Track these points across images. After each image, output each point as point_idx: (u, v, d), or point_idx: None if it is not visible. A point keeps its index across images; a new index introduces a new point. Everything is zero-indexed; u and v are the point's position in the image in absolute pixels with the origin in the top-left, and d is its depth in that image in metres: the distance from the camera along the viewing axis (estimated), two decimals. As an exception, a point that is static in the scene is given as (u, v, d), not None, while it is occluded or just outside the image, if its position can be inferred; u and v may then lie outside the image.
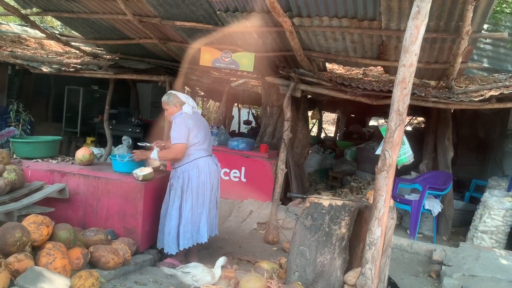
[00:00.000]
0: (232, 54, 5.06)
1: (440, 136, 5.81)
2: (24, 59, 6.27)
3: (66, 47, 7.19)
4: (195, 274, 3.01)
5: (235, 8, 4.18)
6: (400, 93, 2.50)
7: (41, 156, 4.33)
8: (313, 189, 7.23)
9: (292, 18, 4.04)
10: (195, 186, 3.71)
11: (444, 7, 3.44)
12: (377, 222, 2.60)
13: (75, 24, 5.71)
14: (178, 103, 3.82)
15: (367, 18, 3.90)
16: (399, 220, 5.58)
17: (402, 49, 2.49)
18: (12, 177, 3.68)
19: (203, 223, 3.75)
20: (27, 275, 2.53)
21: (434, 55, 4.45)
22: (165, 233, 3.73)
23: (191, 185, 3.71)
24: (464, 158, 7.08)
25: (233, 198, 5.60)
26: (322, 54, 4.92)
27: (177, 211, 3.71)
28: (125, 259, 3.44)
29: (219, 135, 6.24)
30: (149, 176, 3.73)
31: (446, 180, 5.26)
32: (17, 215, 3.39)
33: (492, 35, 4.79)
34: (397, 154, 2.58)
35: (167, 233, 3.71)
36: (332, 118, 17.84)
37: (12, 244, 2.71)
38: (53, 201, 3.80)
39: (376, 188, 2.61)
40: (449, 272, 3.91)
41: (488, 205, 4.85)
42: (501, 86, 4.85)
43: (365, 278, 2.64)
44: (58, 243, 3.00)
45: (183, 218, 3.71)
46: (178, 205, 3.72)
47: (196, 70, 6.59)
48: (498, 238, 4.77)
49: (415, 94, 4.59)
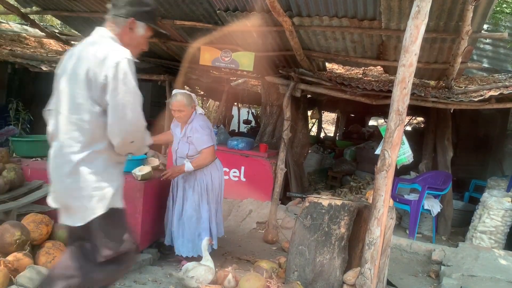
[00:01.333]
0: (232, 54, 5.06)
1: (439, 136, 5.81)
2: (24, 58, 6.26)
3: (65, 45, 7.18)
4: (198, 276, 3.03)
5: (235, 7, 4.18)
6: (399, 93, 2.50)
7: (41, 155, 4.32)
8: (313, 189, 7.23)
9: (292, 17, 4.04)
10: (217, 186, 3.75)
11: (444, 7, 3.43)
12: (377, 222, 2.60)
13: (75, 23, 5.70)
14: (194, 105, 3.63)
15: (367, 17, 3.90)
16: (399, 220, 5.58)
17: (402, 49, 2.49)
18: (12, 176, 3.68)
19: (220, 220, 3.89)
20: (26, 274, 2.53)
21: (434, 55, 4.45)
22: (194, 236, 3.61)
23: (214, 185, 3.71)
24: (464, 158, 7.08)
25: (232, 198, 5.60)
26: (322, 54, 4.92)
27: (207, 213, 3.66)
28: (125, 258, 3.43)
29: (219, 134, 6.24)
30: (148, 175, 3.72)
31: (446, 180, 5.26)
32: (16, 214, 3.40)
33: (492, 35, 4.79)
34: (396, 154, 2.58)
35: (197, 236, 3.61)
36: (331, 118, 17.84)
37: (11, 243, 2.72)
38: (53, 200, 3.80)
39: (376, 188, 2.61)
40: (448, 272, 3.91)
41: (487, 205, 4.85)
42: (500, 86, 4.85)
43: (364, 277, 2.64)
44: (57, 242, 3.00)
45: (213, 219, 3.71)
46: (207, 207, 3.66)
47: (196, 70, 6.59)
48: (497, 238, 4.77)
49: (414, 94, 4.59)
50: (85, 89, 1.82)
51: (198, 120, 3.61)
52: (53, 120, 1.97)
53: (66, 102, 1.86)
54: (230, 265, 3.31)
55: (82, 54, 1.88)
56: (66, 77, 1.89)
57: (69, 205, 1.92)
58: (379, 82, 5.19)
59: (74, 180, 1.86)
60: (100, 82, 1.80)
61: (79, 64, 1.85)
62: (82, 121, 1.83)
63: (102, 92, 1.81)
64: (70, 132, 1.85)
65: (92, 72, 1.80)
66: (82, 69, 1.82)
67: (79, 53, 1.90)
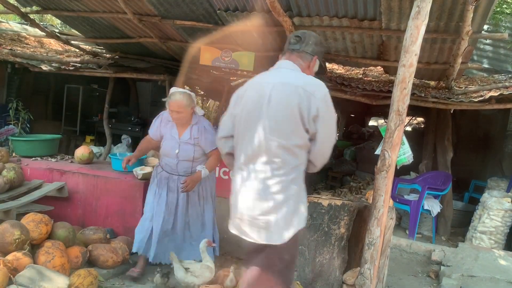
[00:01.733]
0: (232, 53, 5.06)
1: (439, 136, 5.81)
2: (24, 57, 6.26)
3: (65, 45, 7.18)
4: (194, 270, 3.02)
5: (235, 7, 4.18)
6: (400, 93, 2.50)
7: (41, 154, 4.33)
8: (312, 189, 7.22)
9: (292, 17, 4.04)
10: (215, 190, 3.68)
11: (444, 7, 3.43)
12: (376, 222, 2.60)
13: (75, 23, 5.70)
14: (193, 105, 3.36)
15: (368, 18, 3.90)
16: (398, 220, 5.58)
17: (402, 49, 2.49)
18: (11, 175, 3.68)
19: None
20: (25, 273, 2.53)
21: (434, 56, 4.45)
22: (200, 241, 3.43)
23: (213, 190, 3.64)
24: (464, 159, 7.08)
25: (232, 198, 5.60)
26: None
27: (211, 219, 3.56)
28: (124, 258, 3.44)
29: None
30: (149, 175, 3.72)
31: (446, 181, 5.26)
32: (16, 213, 3.40)
33: (492, 36, 4.79)
34: (396, 154, 2.58)
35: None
36: (331, 118, 17.80)
37: (11, 242, 2.72)
38: (52, 200, 3.81)
39: (376, 188, 2.61)
40: (448, 272, 3.91)
41: (487, 205, 4.85)
42: (500, 87, 4.85)
43: (364, 278, 2.64)
44: (57, 242, 3.00)
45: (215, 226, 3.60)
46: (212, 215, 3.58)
47: (196, 69, 6.59)
48: (497, 238, 4.77)
49: (415, 94, 4.59)
50: (298, 119, 2.01)
51: (203, 122, 3.41)
52: (243, 145, 2.11)
53: (277, 129, 2.02)
54: (230, 265, 3.31)
55: (286, 87, 2.05)
56: (273, 107, 2.04)
57: (273, 223, 2.01)
58: (379, 82, 5.20)
59: (285, 197, 2.02)
60: (312, 113, 2.02)
61: (286, 96, 2.03)
62: (294, 146, 2.03)
63: (313, 121, 2.03)
64: (282, 156, 2.02)
65: (304, 104, 2.00)
66: (293, 101, 2.01)
67: (282, 86, 2.06)
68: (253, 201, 2.04)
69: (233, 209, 2.14)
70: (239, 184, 2.13)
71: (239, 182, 2.13)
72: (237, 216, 2.11)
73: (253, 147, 2.06)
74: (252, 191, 2.05)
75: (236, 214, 2.12)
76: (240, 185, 2.11)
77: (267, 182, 2.03)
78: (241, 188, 2.10)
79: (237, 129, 2.15)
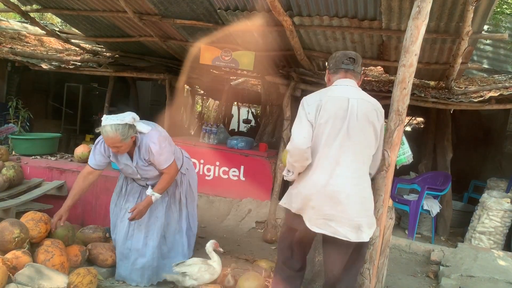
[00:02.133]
0: (232, 53, 5.06)
1: (439, 136, 5.81)
2: (24, 56, 6.26)
3: (66, 44, 7.18)
4: (192, 273, 2.99)
5: (236, 6, 4.18)
6: (399, 93, 2.50)
7: (40, 153, 4.33)
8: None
9: (293, 17, 4.04)
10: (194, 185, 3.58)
11: (444, 7, 3.43)
12: (376, 222, 2.59)
13: (75, 21, 5.70)
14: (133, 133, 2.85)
15: (368, 18, 3.90)
16: (398, 220, 5.59)
17: (402, 49, 2.49)
18: (11, 174, 3.69)
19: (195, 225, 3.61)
20: (25, 272, 2.53)
21: (434, 56, 4.45)
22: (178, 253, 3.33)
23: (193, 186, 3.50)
24: (463, 159, 7.09)
25: (231, 197, 5.60)
26: (322, 54, 4.92)
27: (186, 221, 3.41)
28: (124, 257, 3.43)
29: (219, 133, 6.23)
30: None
31: (445, 181, 5.26)
32: (15, 211, 3.40)
33: (492, 36, 4.78)
34: (396, 154, 2.58)
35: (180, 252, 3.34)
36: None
37: (10, 241, 2.71)
38: (52, 198, 3.81)
39: (375, 188, 2.61)
40: (447, 273, 3.91)
41: (486, 206, 4.86)
42: (500, 87, 4.85)
43: (363, 277, 2.64)
44: (56, 240, 3.00)
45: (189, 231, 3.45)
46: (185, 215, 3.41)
47: (196, 69, 6.59)
48: (496, 239, 4.78)
49: (414, 94, 4.59)
50: (372, 132, 2.40)
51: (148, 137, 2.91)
52: (329, 152, 2.35)
53: (359, 140, 2.35)
54: (229, 265, 3.31)
55: (366, 104, 2.39)
56: (360, 120, 2.34)
57: (361, 223, 2.33)
58: (379, 82, 5.20)
59: (367, 200, 2.40)
60: (379, 128, 2.43)
61: (368, 111, 2.37)
62: (370, 155, 2.44)
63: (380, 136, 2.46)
64: (364, 162, 2.41)
65: (375, 120, 2.39)
66: (371, 117, 2.38)
67: (363, 103, 2.38)
68: (354, 204, 2.32)
69: (317, 210, 2.33)
70: (321, 185, 2.33)
71: (322, 183, 2.33)
72: (326, 217, 2.32)
73: (339, 155, 2.33)
74: (354, 196, 2.32)
75: (323, 215, 2.32)
76: (325, 187, 2.32)
77: (361, 187, 2.36)
78: (326, 190, 2.32)
79: (319, 137, 2.37)
